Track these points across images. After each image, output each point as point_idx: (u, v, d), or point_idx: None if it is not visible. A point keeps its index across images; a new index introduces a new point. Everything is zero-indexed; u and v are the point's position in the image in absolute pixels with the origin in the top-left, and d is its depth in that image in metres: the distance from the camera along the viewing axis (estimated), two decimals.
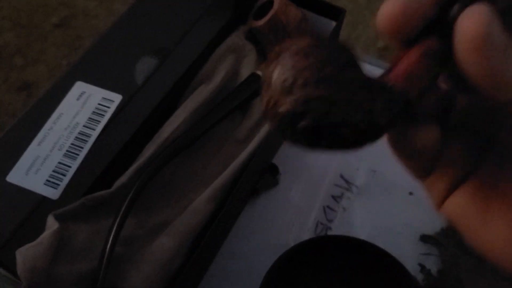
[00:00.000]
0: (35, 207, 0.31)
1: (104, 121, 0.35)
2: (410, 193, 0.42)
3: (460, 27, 0.13)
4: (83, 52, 0.38)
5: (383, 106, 0.15)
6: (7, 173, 0.32)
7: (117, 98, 0.36)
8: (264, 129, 0.39)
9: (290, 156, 0.44)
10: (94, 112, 0.35)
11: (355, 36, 1.24)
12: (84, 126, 0.34)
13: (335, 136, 0.15)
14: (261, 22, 0.40)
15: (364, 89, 0.15)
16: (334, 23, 0.43)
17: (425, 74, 0.15)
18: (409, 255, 0.39)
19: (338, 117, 0.14)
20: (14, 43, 0.95)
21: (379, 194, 0.42)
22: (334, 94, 0.14)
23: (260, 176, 0.42)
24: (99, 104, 0.35)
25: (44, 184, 0.32)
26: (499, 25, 0.13)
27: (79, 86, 0.36)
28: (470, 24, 0.13)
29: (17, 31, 0.95)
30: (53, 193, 0.32)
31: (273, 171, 0.43)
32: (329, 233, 0.40)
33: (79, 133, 0.34)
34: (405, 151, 0.18)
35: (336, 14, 0.43)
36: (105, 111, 0.35)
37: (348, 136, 0.15)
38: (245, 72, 0.41)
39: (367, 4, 1.30)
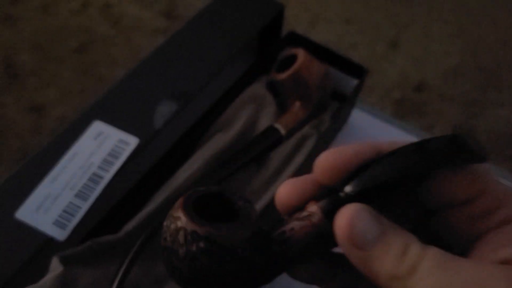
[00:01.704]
0: (41, 247, 0.30)
1: (118, 163, 0.34)
2: None
3: (335, 223, 0.16)
4: (104, 91, 0.38)
5: (270, 272, 0.18)
6: (16, 209, 0.32)
7: (133, 140, 0.35)
8: (279, 183, 0.39)
9: None
10: (109, 153, 0.35)
11: (370, 85, 1.25)
12: (98, 167, 0.34)
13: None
14: (283, 75, 0.41)
15: (259, 264, 0.18)
16: (355, 81, 0.43)
17: (307, 244, 0.18)
18: None
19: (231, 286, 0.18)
20: (30, 64, 0.96)
21: None
22: (229, 276, 0.17)
23: None
24: (115, 145, 0.35)
25: (53, 223, 0.31)
26: (370, 218, 0.16)
27: (97, 126, 0.36)
28: (341, 221, 0.16)
29: (35, 53, 0.97)
30: (60, 234, 0.31)
31: None
32: None
33: (92, 173, 0.34)
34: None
35: (359, 72, 0.43)
36: (120, 154, 0.35)
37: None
38: (263, 123, 0.41)
39: (384, 53, 1.32)
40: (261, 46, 0.45)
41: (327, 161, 0.18)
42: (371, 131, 0.47)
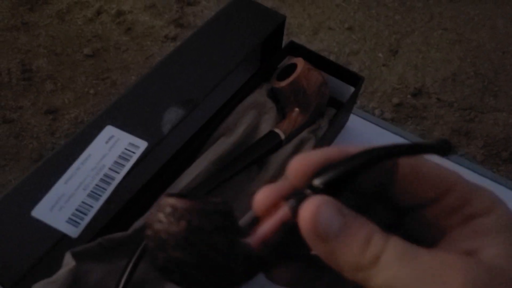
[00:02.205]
0: (55, 243, 0.32)
1: (128, 165, 0.36)
2: None
3: (299, 216, 0.17)
4: (115, 98, 0.41)
5: (242, 270, 0.18)
6: (32, 208, 0.34)
7: (143, 144, 0.37)
8: None
9: None
10: (120, 156, 0.37)
11: (371, 91, 1.26)
12: (109, 168, 0.36)
13: None
14: (283, 83, 0.43)
15: (228, 256, 0.18)
16: (352, 89, 0.45)
17: (280, 242, 0.18)
18: None
19: (203, 278, 0.18)
20: (46, 69, 0.98)
21: None
22: (200, 260, 0.17)
23: None
24: (125, 149, 0.37)
25: (66, 221, 0.33)
26: (333, 210, 0.16)
27: (109, 130, 0.38)
28: (304, 213, 0.16)
29: (50, 58, 0.99)
30: (73, 231, 0.33)
31: None
32: None
33: (104, 175, 0.36)
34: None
35: (355, 80, 0.45)
36: (131, 156, 0.37)
37: None
38: (264, 128, 0.43)
39: (385, 60, 1.34)
40: (263, 55, 0.47)
41: (298, 164, 0.18)
42: (368, 135, 0.49)
